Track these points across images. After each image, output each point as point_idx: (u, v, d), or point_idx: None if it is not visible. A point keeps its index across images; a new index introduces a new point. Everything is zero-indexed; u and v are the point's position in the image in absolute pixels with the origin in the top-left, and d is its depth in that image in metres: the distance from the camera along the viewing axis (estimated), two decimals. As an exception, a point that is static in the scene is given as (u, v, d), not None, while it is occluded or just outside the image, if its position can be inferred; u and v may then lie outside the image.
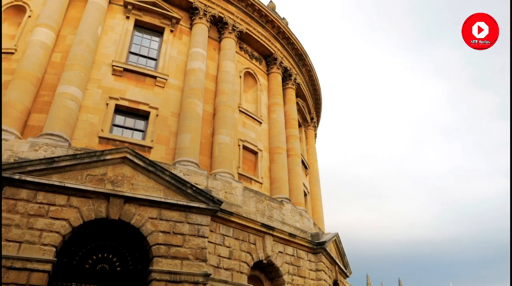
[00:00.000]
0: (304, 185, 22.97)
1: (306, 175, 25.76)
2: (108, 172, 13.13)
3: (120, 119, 16.82)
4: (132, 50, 18.94)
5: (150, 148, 16.31)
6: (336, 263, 20.18)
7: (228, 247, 14.74)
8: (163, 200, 13.30)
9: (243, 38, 22.68)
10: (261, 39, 23.41)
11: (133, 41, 19.19)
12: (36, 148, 13.73)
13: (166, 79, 18.24)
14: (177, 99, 18.06)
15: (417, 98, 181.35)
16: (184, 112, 17.40)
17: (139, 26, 19.71)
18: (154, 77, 18.02)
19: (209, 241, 13.89)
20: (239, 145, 19.05)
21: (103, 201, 12.65)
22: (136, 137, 16.66)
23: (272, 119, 21.93)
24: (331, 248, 19.63)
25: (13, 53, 16.76)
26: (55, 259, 11.30)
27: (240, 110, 20.28)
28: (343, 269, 21.52)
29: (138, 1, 19.54)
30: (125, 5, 19.39)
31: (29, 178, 12.00)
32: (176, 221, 13.30)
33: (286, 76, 24.99)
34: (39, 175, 12.21)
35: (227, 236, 14.96)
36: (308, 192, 24.91)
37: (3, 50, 16.77)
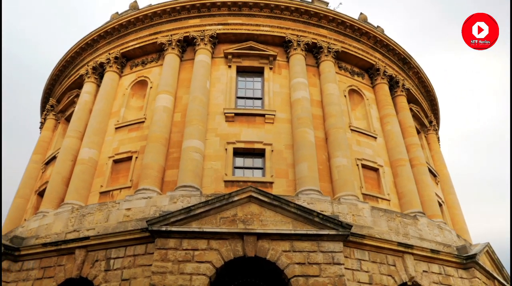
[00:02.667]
0: (436, 194, 21.20)
1: (437, 184, 23.76)
2: (238, 212, 14.01)
3: (239, 161, 17.96)
4: (239, 95, 20.32)
5: (271, 183, 16.97)
6: (495, 277, 17.84)
7: (366, 271, 14.23)
8: (292, 231, 13.61)
9: (340, 57, 22.57)
10: (359, 54, 23.03)
11: (238, 86, 20.64)
12: (174, 200, 15.39)
13: (274, 115, 19.01)
14: (288, 131, 18.62)
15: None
16: (297, 143, 17.82)
17: (241, 71, 21.14)
18: (263, 115, 18.95)
19: (345, 268, 13.62)
20: (357, 165, 18.63)
21: (238, 240, 13.48)
22: (257, 175, 17.52)
23: (387, 131, 21.02)
24: (484, 261, 17.49)
25: (143, 121, 19.39)
26: (207, 300, 12.29)
27: (351, 129, 19.96)
28: (505, 284, 18.88)
29: (236, 49, 21.09)
30: (226, 55, 21.07)
31: (173, 228, 13.49)
32: (309, 251, 13.43)
33: (393, 84, 23.93)
34: (181, 224, 13.64)
35: (363, 260, 14.50)
36: (442, 201, 22.87)
37: (136, 121, 19.56)
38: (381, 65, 23.50)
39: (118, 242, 14.46)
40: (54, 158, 21.64)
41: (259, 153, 18.09)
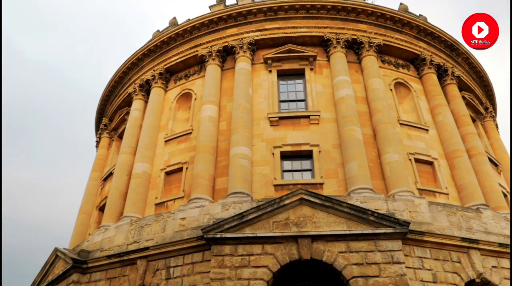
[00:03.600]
0: (500, 185, 19.91)
1: (499, 173, 22.30)
2: (290, 215, 13.97)
3: (287, 164, 17.92)
4: (281, 98, 20.33)
5: (321, 184, 16.76)
6: None
7: (429, 269, 13.62)
8: (347, 232, 13.36)
9: (383, 51, 21.96)
10: (402, 45, 22.28)
11: (280, 90, 20.66)
12: (226, 207, 15.63)
13: (319, 115, 18.82)
14: (334, 131, 18.35)
15: None
16: (344, 142, 17.52)
17: (281, 75, 21.16)
18: (307, 116, 18.82)
19: (406, 266, 13.12)
20: (410, 159, 17.95)
21: (293, 243, 13.42)
22: (306, 177, 17.38)
23: (439, 122, 20.09)
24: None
25: (191, 132, 19.92)
26: (266, 304, 12.33)
27: (400, 124, 19.29)
28: None
29: (275, 54, 21.15)
30: (265, 61, 21.20)
31: (228, 235, 13.69)
32: (366, 251, 13.10)
33: (441, 73, 22.89)
34: (235, 231, 13.81)
35: (424, 258, 13.90)
36: (507, 192, 21.43)
37: (183, 132, 20.14)
38: (427, 54, 22.59)
39: (176, 250, 14.91)
40: (110, 174, 22.75)
41: (307, 155, 17.95)
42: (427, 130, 19.67)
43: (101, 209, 22.19)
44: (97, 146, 28.62)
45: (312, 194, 14.18)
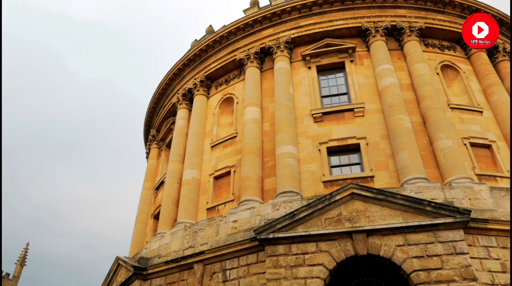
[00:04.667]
0: None
1: None
2: (342, 211, 13.70)
3: (334, 159, 17.62)
4: (323, 94, 20.04)
5: (372, 177, 16.32)
6: None
7: (497, 259, 12.80)
8: (404, 224, 12.88)
9: (425, 34, 21.05)
10: (446, 26, 21.24)
11: (321, 85, 20.37)
12: (277, 207, 15.61)
13: (363, 107, 18.36)
14: (381, 121, 17.82)
15: None
16: (392, 132, 16.95)
17: (321, 70, 20.88)
18: (351, 109, 18.41)
19: (471, 257, 12.42)
20: (464, 144, 17.02)
21: (347, 239, 13.14)
22: (355, 171, 16.99)
23: (493, 103, 18.91)
24: None
25: (235, 136, 20.15)
26: (325, 302, 12.15)
27: (451, 108, 18.37)
28: None
29: (313, 50, 20.91)
30: (303, 58, 21.02)
31: (280, 235, 13.65)
32: (425, 243, 12.56)
33: (492, 50, 21.56)
34: (287, 230, 13.75)
35: (490, 246, 13.08)
36: None
37: (228, 136, 20.42)
38: (474, 33, 21.36)
39: (231, 253, 15.09)
40: (162, 182, 23.50)
41: (354, 149, 17.56)
42: (481, 112, 18.58)
43: (156, 217, 22.96)
44: (147, 157, 29.68)
45: (363, 188, 13.83)
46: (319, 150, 17.57)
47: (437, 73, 19.86)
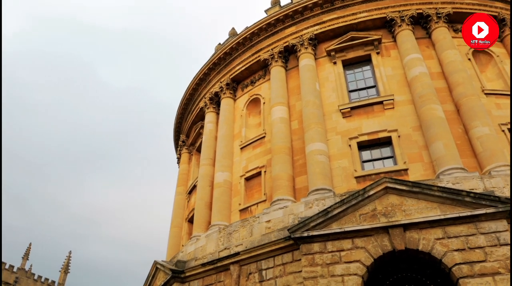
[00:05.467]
0: None
1: None
2: (377, 206, 13.42)
3: (366, 154, 17.30)
4: (350, 88, 19.73)
5: (406, 170, 15.91)
6: None
7: (545, 249, 12.18)
8: (442, 216, 12.47)
9: (453, 20, 20.32)
10: (475, 10, 20.40)
11: (347, 80, 20.06)
12: (309, 205, 15.48)
13: (393, 99, 17.94)
14: (412, 112, 17.35)
15: None
16: (425, 122, 16.47)
17: (347, 64, 20.56)
18: (380, 102, 18.03)
19: (517, 248, 11.87)
20: (502, 131, 16.29)
21: (384, 235, 12.86)
22: (388, 165, 16.62)
23: (532, 85, 18.04)
24: None
25: (264, 136, 20.16)
26: (364, 299, 11.93)
27: (485, 94, 17.64)
28: None
29: (338, 44, 20.64)
30: (328, 53, 20.78)
31: (315, 233, 13.53)
32: (466, 235, 12.11)
33: (527, 31, 20.58)
34: (321, 228, 13.60)
35: (537, 236, 12.46)
36: None
37: (257, 137, 20.46)
38: (505, 14, 20.48)
39: (266, 253, 15.09)
40: (194, 186, 23.81)
41: (385, 142, 17.17)
42: (519, 96, 17.75)
43: (190, 220, 23.29)
44: (178, 162, 30.17)
45: (397, 181, 13.50)
46: (350, 145, 17.31)
47: (469, 59, 19.14)
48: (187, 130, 28.86)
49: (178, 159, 30.41)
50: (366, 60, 20.30)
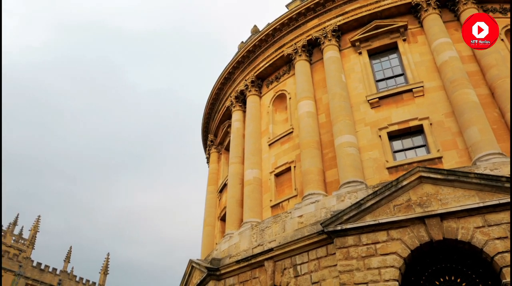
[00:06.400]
0: None
1: None
2: (411, 196, 13.10)
3: (397, 144, 16.91)
4: (377, 78, 19.32)
5: (440, 158, 15.44)
6: None
7: None
8: (481, 204, 12.03)
9: (483, 0, 19.55)
10: (506, -12, 19.58)
11: (374, 70, 19.66)
12: (342, 198, 15.30)
13: (422, 86, 17.45)
14: (443, 99, 16.82)
15: None
16: (458, 108, 15.93)
17: (372, 54, 20.14)
18: (409, 90, 17.57)
19: None
20: (543, 112, 15.55)
21: (420, 225, 12.55)
22: (420, 154, 16.18)
23: None
24: None
25: (292, 132, 20.07)
26: (402, 292, 11.68)
27: (522, 74, 16.88)
28: None
29: (362, 34, 20.24)
30: (353, 44, 20.43)
31: (348, 226, 13.36)
32: (508, 223, 11.62)
33: None
34: (355, 221, 13.41)
35: None
36: None
37: (285, 133, 20.38)
38: (540, -10, 19.47)
39: (299, 248, 15.03)
40: (225, 185, 24.01)
41: (417, 130, 16.72)
42: (559, 75, 16.87)
43: (222, 218, 23.51)
44: (208, 162, 30.48)
45: (431, 170, 13.12)
46: (380, 136, 16.97)
47: (502, 40, 18.34)
48: (215, 129, 29.11)
49: (207, 158, 30.73)
50: (392, 48, 19.83)
